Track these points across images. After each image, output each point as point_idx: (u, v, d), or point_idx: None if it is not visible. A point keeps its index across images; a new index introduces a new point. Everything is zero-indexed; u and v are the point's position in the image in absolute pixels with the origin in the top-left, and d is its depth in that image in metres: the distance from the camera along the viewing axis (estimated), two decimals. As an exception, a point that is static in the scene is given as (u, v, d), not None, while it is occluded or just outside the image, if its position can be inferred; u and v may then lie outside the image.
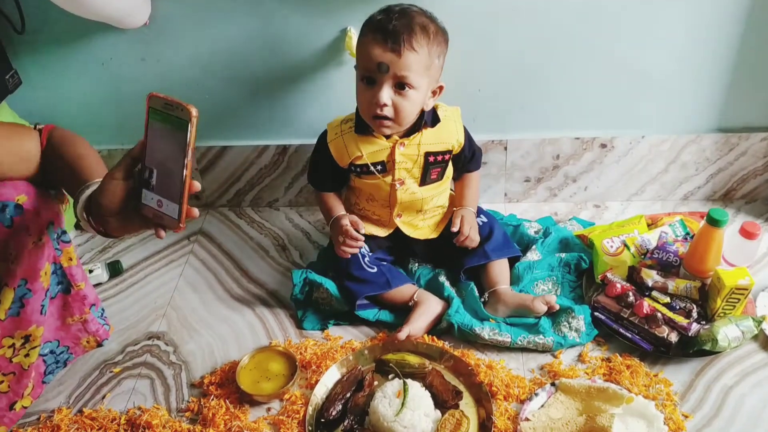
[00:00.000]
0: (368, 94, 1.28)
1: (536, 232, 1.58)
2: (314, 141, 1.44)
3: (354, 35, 1.46)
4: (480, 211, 1.52)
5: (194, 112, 0.84)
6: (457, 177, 1.50)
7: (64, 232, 1.22)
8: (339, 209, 1.45)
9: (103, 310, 1.38)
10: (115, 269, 1.59)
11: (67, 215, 1.23)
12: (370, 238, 1.46)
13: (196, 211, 0.92)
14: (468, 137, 1.44)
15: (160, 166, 0.89)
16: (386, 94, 1.26)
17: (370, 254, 1.44)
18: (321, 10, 1.47)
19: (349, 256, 1.39)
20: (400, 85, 1.26)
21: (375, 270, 1.40)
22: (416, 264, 1.53)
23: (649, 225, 1.53)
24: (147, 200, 0.92)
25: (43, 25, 1.53)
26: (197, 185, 0.90)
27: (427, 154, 1.38)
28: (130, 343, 1.43)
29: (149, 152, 0.90)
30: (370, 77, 1.27)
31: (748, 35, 1.46)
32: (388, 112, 1.27)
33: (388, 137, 1.35)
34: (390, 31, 1.23)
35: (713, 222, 1.29)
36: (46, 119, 1.64)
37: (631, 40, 1.48)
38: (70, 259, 1.25)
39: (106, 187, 0.94)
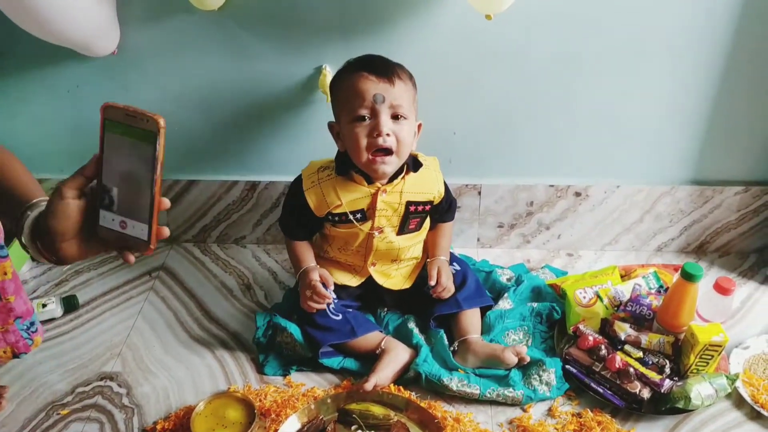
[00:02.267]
0: (364, 129, 1.24)
1: (508, 280, 1.55)
2: (285, 178, 1.41)
3: (328, 74, 1.44)
4: (453, 258, 1.49)
5: (162, 122, 0.76)
6: (432, 226, 1.47)
7: (2, 247, 1.14)
8: (309, 260, 1.40)
9: (31, 323, 1.25)
10: (70, 304, 1.52)
11: (13, 249, 1.15)
12: (339, 288, 1.42)
13: (166, 231, 0.83)
14: (446, 188, 1.41)
15: (121, 184, 0.80)
16: (387, 122, 1.23)
17: (336, 301, 1.39)
18: (296, 47, 1.45)
19: (315, 311, 1.34)
20: (395, 116, 1.25)
21: (340, 318, 1.35)
22: (385, 309, 1.48)
23: (622, 276, 1.51)
24: (106, 222, 0.82)
25: (7, 48, 1.48)
26: (167, 202, 0.82)
27: (408, 204, 1.35)
28: (81, 384, 1.35)
29: (106, 169, 0.81)
30: (364, 115, 1.24)
31: (725, 89, 1.47)
32: (390, 142, 1.24)
33: (370, 183, 1.32)
34: (377, 64, 1.24)
35: (688, 276, 1.27)
36: (6, 144, 1.58)
37: (609, 91, 1.48)
38: (5, 273, 1.16)
39: (57, 209, 0.83)
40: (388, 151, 1.26)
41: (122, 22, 1.43)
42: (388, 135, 1.24)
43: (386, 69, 1.24)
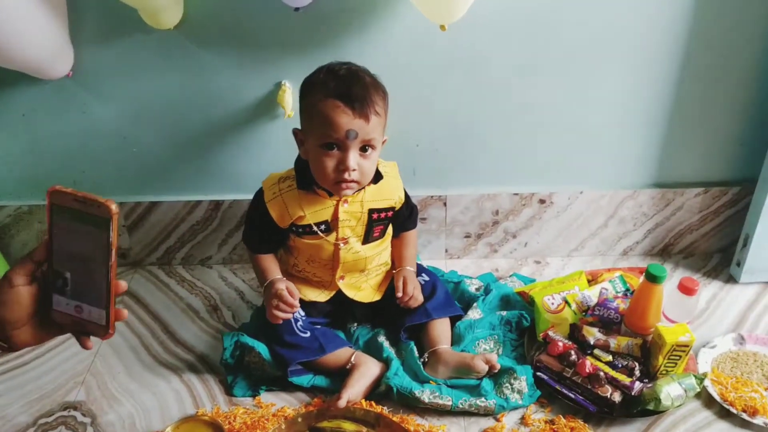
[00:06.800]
0: (331, 159, 1.23)
1: (477, 290, 1.55)
2: (249, 196, 1.39)
3: (288, 89, 1.43)
4: (421, 269, 1.48)
5: (114, 207, 0.73)
6: (395, 236, 1.46)
7: None
8: (275, 272, 1.38)
9: None
10: (31, 333, 1.48)
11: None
12: (309, 305, 1.41)
13: (125, 313, 0.81)
14: (406, 194, 1.41)
15: (75, 269, 0.78)
16: (354, 158, 1.23)
17: (304, 318, 1.38)
18: (254, 64, 1.44)
19: (281, 321, 1.32)
20: (364, 148, 1.24)
21: (308, 335, 1.34)
22: (355, 324, 1.47)
23: (589, 281, 1.52)
24: (61, 306, 0.79)
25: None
26: (123, 285, 0.80)
27: (371, 212, 1.34)
28: (44, 415, 1.31)
29: (57, 254, 0.78)
30: (333, 143, 1.23)
31: (683, 93, 1.49)
32: (355, 176, 1.24)
33: (332, 195, 1.31)
34: (354, 97, 1.20)
35: (652, 278, 1.28)
36: (-40, 173, 1.55)
37: (568, 97, 1.49)
38: None
39: (6, 297, 0.78)
40: (353, 181, 1.26)
41: (75, 43, 1.41)
42: (353, 170, 1.23)
43: (364, 103, 1.20)
